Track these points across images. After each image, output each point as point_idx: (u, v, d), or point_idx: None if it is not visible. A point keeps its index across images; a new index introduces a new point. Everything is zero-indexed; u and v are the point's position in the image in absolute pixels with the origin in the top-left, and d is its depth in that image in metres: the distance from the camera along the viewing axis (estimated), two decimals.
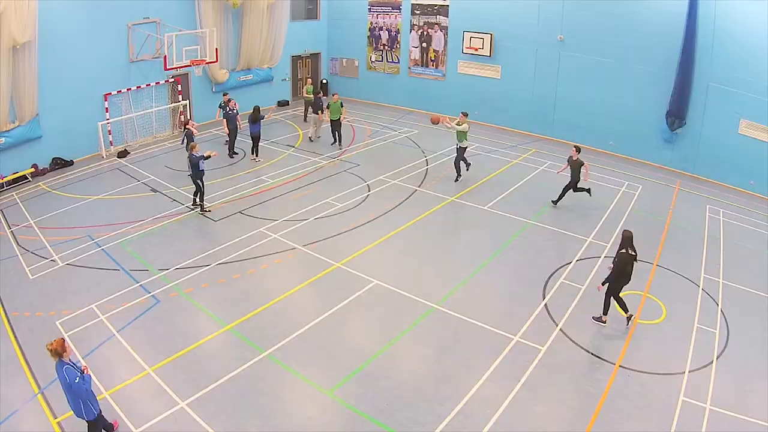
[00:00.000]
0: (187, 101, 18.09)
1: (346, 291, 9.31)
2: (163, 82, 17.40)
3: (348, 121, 18.68)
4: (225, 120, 15.52)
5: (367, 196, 13.17)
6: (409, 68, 21.13)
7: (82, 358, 7.66)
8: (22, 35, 13.25)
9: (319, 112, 16.65)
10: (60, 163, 15.34)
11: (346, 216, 12.17)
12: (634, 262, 7.92)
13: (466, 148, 13.69)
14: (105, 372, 7.39)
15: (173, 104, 17.79)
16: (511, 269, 9.88)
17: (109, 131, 16.25)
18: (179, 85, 17.75)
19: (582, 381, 7.23)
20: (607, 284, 8.03)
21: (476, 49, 18.73)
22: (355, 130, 18.23)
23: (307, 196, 13.15)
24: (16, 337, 8.22)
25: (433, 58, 20.43)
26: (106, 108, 16.04)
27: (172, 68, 15.85)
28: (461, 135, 13.40)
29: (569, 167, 12.17)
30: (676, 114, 14.57)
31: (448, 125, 13.65)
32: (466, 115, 13.61)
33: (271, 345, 7.99)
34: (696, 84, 14.25)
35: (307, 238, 11.14)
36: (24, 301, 9.11)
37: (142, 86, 16.89)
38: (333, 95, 16.63)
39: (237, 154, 15.84)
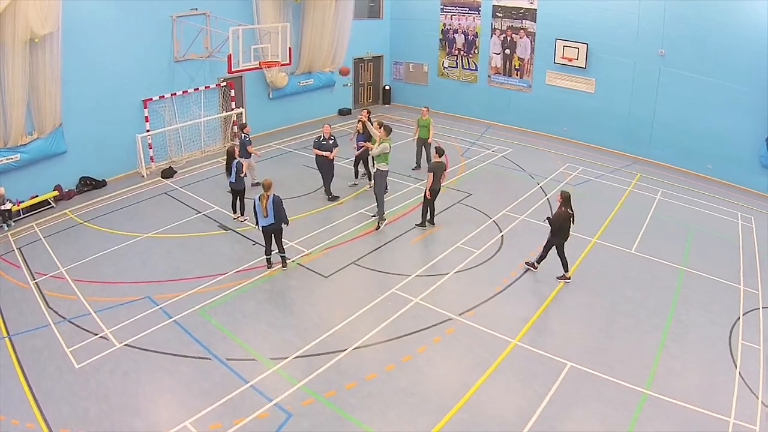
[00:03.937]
0: (242, 109, 14.99)
1: (542, 381, 6.68)
2: (214, 86, 14.33)
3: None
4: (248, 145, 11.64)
5: (502, 237, 10.21)
6: (489, 76, 18.31)
7: None
8: (42, 26, 10.32)
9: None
10: (90, 184, 12.29)
11: (491, 268, 9.19)
12: (571, 221, 8.67)
13: (387, 172, 10.40)
14: None
15: (225, 113, 14.69)
16: (692, 332, 7.95)
17: (150, 145, 13.14)
18: (232, 90, 14.68)
19: None
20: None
21: (570, 60, 16.27)
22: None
23: (430, 240, 10.15)
24: None
25: (517, 67, 17.65)
26: (146, 117, 12.96)
27: (238, 71, 12.70)
28: (383, 155, 10.11)
29: None
30: None
31: (373, 137, 10.45)
32: (388, 130, 10.22)
33: None
34: None
35: (459, 302, 8.13)
36: (75, 410, 6.05)
37: (188, 91, 13.81)
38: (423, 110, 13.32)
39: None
